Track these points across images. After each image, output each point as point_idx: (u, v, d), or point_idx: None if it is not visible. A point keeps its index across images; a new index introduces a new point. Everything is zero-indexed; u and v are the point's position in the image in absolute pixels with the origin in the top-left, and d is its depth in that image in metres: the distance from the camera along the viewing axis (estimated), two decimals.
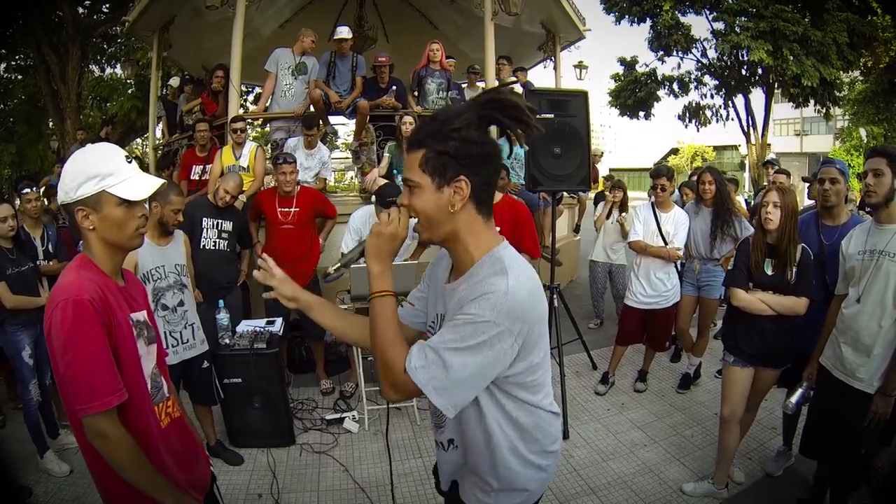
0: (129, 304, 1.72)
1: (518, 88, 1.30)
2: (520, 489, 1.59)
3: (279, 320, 4.38)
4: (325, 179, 6.09)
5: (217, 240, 4.43)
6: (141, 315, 1.77)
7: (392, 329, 1.43)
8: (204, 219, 4.37)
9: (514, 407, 1.51)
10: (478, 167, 1.40)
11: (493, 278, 1.37)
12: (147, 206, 1.74)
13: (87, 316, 1.51)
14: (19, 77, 17.04)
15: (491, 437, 1.52)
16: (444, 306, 1.57)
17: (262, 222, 4.98)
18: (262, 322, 4.31)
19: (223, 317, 4.04)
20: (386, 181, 5.54)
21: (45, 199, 5.19)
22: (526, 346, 1.40)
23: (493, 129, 1.56)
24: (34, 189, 4.32)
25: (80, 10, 14.14)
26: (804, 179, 6.23)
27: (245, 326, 4.21)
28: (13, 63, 16.59)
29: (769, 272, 3.12)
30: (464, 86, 7.61)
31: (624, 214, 6.18)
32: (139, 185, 1.66)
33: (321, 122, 6.98)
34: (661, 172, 4.80)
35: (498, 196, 3.41)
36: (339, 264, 1.72)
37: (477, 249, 1.46)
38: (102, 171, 1.60)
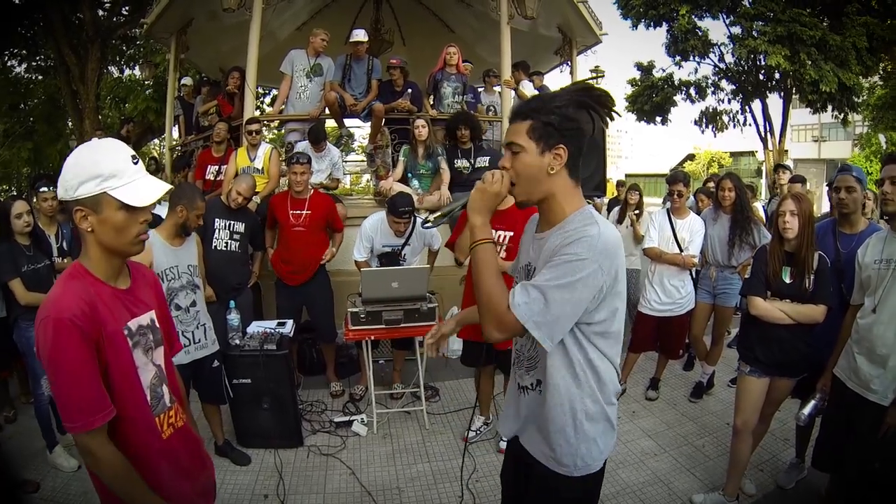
0: (128, 310, 1.64)
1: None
2: (592, 440, 1.74)
3: (290, 322, 4.41)
4: (339, 180, 6.11)
5: (229, 241, 4.46)
6: (144, 319, 1.70)
7: (494, 272, 1.63)
8: (216, 219, 4.40)
9: (596, 355, 1.70)
10: (573, 139, 1.64)
11: (586, 227, 1.61)
12: (160, 211, 1.68)
13: (66, 334, 1.46)
14: (39, 77, 17.26)
15: (576, 379, 1.71)
16: (529, 256, 1.82)
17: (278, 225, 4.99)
18: (272, 323, 4.33)
19: (234, 317, 4.07)
20: (399, 190, 5.56)
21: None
22: (609, 293, 1.62)
23: None
24: (51, 188, 4.38)
25: (100, 12, 14.31)
26: (829, 185, 6.14)
27: (256, 327, 4.24)
28: (34, 63, 16.81)
29: (787, 280, 3.08)
30: (480, 90, 7.58)
31: (636, 213, 6.15)
32: (144, 189, 1.57)
33: (339, 123, 7.03)
34: (677, 178, 4.76)
35: (511, 200, 3.44)
36: (439, 213, 1.88)
37: (569, 206, 1.69)
38: (105, 171, 1.51)
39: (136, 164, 1.58)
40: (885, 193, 2.68)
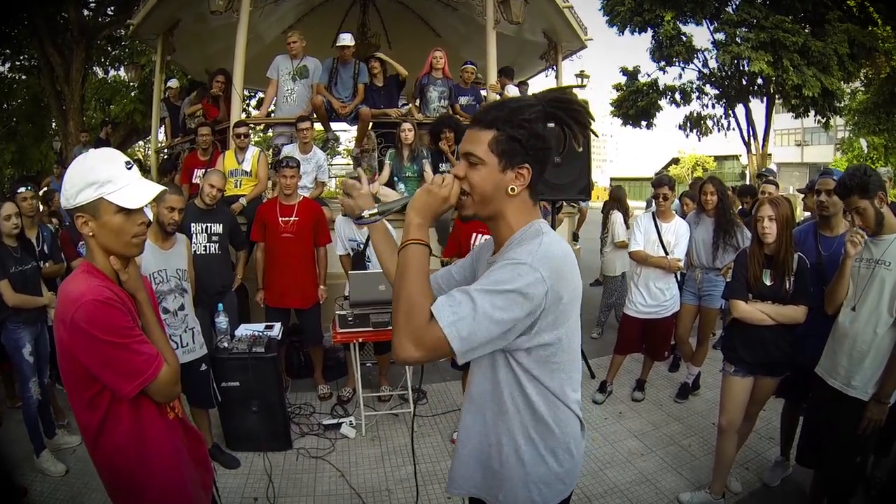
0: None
1: (578, 92, 1.45)
2: (527, 484, 1.53)
3: (278, 325, 4.40)
4: (324, 183, 6.10)
5: (207, 243, 4.41)
6: None
7: (422, 277, 1.40)
8: (192, 224, 4.33)
9: (534, 388, 1.49)
10: (539, 158, 1.48)
11: (530, 239, 1.45)
12: (147, 212, 1.76)
13: (107, 308, 1.56)
14: (23, 77, 17.09)
15: (501, 411, 1.52)
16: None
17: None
18: (260, 326, 4.32)
19: (222, 320, 4.05)
20: (385, 194, 5.61)
21: (42, 201, 5.23)
22: (551, 313, 1.40)
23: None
24: (29, 188, 4.35)
25: (86, 12, 14.19)
26: (799, 191, 6.21)
27: (244, 330, 4.22)
28: (17, 63, 16.64)
29: (768, 282, 3.14)
30: (483, 94, 7.51)
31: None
32: (137, 192, 1.66)
33: (325, 126, 7.03)
34: (662, 182, 4.81)
35: None
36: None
37: (517, 224, 1.51)
38: (101, 178, 1.61)
39: (129, 169, 1.67)
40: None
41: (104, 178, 1.61)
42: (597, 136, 1.66)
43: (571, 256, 1.48)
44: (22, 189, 4.32)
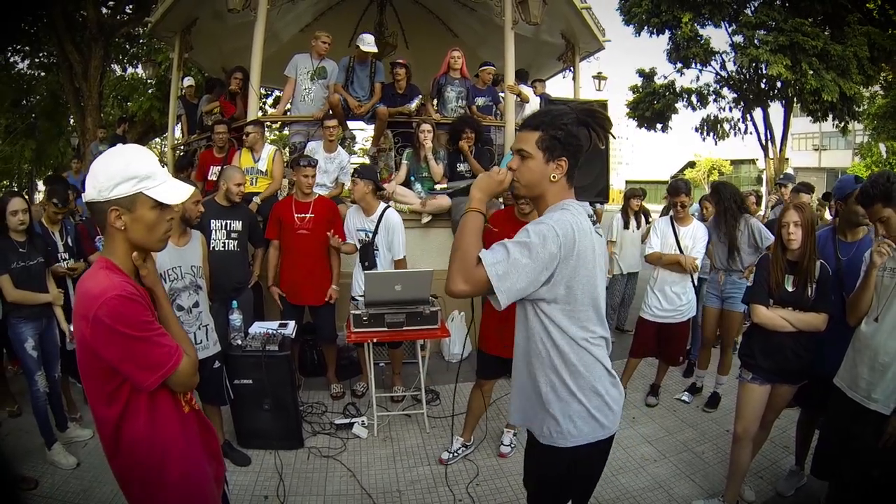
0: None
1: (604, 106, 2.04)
2: (564, 417, 1.91)
3: (292, 323, 4.40)
4: (343, 185, 6.11)
5: (227, 240, 4.43)
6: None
7: (476, 235, 1.83)
8: (212, 220, 4.35)
9: (559, 335, 1.85)
10: (574, 153, 1.90)
11: (554, 211, 1.87)
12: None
13: (131, 303, 1.58)
14: (42, 74, 17.27)
15: (537, 354, 1.90)
16: None
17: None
18: (274, 324, 4.33)
19: (236, 317, 4.06)
20: (402, 193, 5.65)
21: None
22: (565, 266, 1.77)
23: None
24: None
25: (104, 9, 14.31)
26: (823, 196, 6.13)
27: (258, 328, 4.23)
28: (37, 60, 16.82)
29: (790, 289, 3.10)
30: (501, 95, 7.49)
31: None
32: (175, 189, 1.70)
33: (342, 125, 7.04)
34: (679, 189, 4.74)
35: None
36: (447, 187, 2.06)
37: (553, 202, 1.92)
38: (141, 172, 1.63)
39: (163, 167, 1.71)
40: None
41: (144, 173, 1.64)
42: (615, 137, 2.05)
43: (581, 226, 1.82)
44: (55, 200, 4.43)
